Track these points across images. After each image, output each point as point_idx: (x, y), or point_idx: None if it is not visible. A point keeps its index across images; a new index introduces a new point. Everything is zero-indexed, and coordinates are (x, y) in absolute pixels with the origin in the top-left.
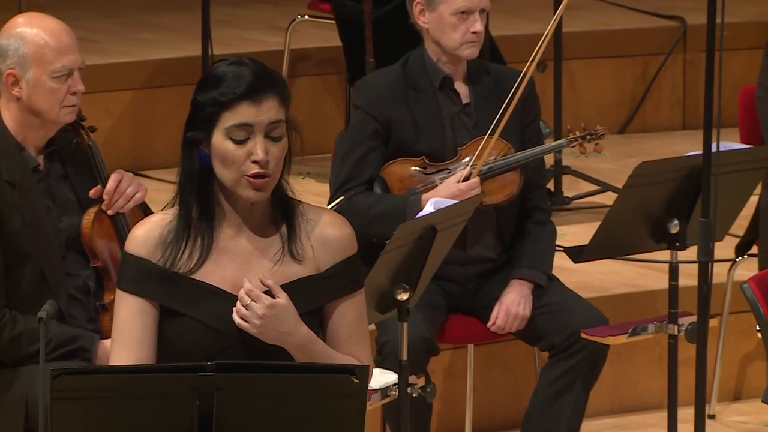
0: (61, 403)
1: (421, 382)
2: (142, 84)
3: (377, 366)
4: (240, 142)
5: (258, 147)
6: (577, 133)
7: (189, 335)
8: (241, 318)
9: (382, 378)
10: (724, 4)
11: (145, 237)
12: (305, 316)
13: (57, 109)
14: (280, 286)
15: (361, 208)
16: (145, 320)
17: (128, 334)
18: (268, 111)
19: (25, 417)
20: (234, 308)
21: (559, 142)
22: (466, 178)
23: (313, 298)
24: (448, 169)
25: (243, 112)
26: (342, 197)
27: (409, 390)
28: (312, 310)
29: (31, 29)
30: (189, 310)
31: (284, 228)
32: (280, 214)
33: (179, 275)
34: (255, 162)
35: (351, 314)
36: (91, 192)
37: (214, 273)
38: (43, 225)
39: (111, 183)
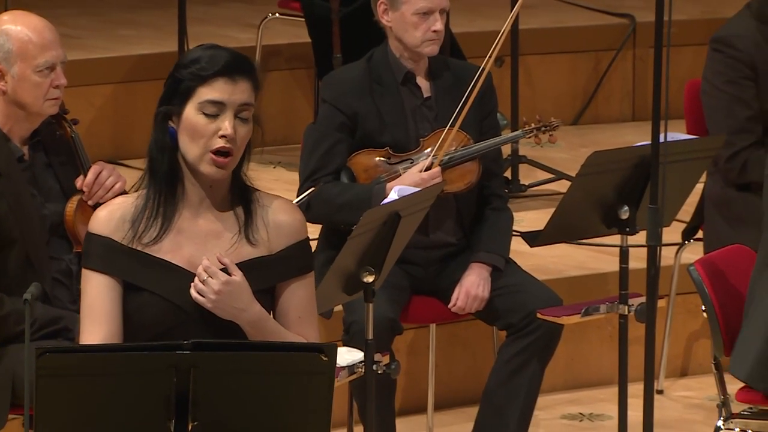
0: (46, 380)
1: (386, 359)
2: (122, 78)
3: (344, 345)
4: (211, 117)
5: (227, 122)
6: (533, 125)
7: (149, 310)
8: (198, 293)
9: (349, 356)
10: (671, 3)
11: (108, 217)
12: (258, 294)
13: (41, 101)
14: (237, 264)
15: (329, 197)
16: (112, 295)
17: (98, 309)
18: (242, 92)
19: (11, 393)
20: (192, 283)
21: (516, 133)
22: (428, 168)
23: (265, 277)
24: (411, 159)
25: (218, 88)
26: (312, 188)
27: (374, 367)
28: (264, 288)
29: (16, 26)
30: (149, 285)
31: (241, 212)
32: (237, 200)
33: (140, 252)
34: (222, 136)
35: (301, 295)
36: (77, 182)
37: (172, 251)
38: (28, 212)
39: (90, 175)
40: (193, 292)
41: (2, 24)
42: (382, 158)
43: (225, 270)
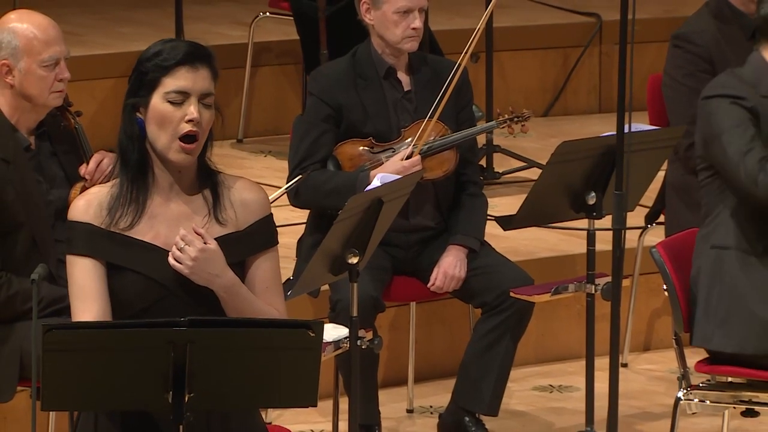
0: (52, 354)
1: (369, 335)
2: (122, 73)
3: (330, 321)
4: (177, 104)
5: (192, 107)
6: (506, 116)
7: (132, 287)
8: (176, 260)
9: (334, 332)
10: (635, 2)
11: (86, 205)
12: (231, 267)
13: (46, 94)
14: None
15: (316, 183)
16: (98, 275)
17: (88, 289)
18: (203, 79)
19: (20, 367)
20: (171, 252)
21: (490, 123)
22: (409, 156)
23: (235, 252)
24: (392, 148)
25: (182, 77)
26: (300, 176)
27: (358, 342)
28: (235, 263)
29: (22, 24)
30: (131, 264)
31: (208, 194)
32: (204, 183)
33: (119, 234)
34: (189, 121)
35: (268, 267)
36: (80, 169)
37: (148, 233)
38: (34, 197)
39: (92, 163)
40: (171, 260)
41: (9, 22)
42: (365, 148)
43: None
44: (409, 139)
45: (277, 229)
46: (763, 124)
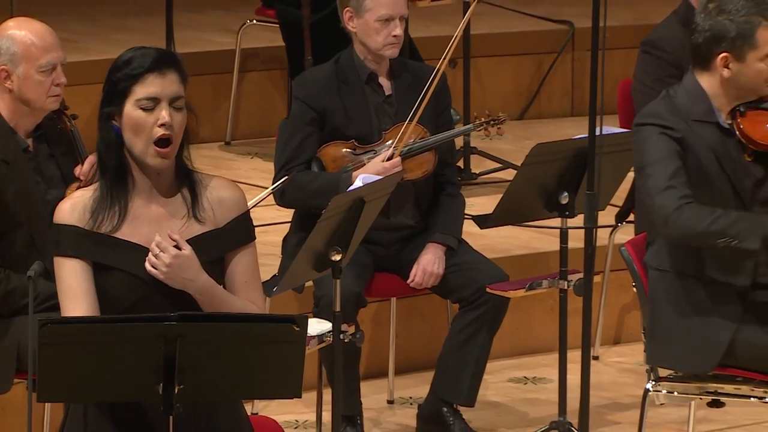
0: (47, 348)
1: (352, 329)
2: None
3: (314, 316)
4: (149, 110)
5: (164, 112)
6: (483, 119)
7: (119, 284)
8: (152, 266)
9: (318, 326)
10: (606, 11)
11: (72, 208)
12: (210, 264)
13: (43, 98)
14: (188, 240)
15: (301, 184)
16: (86, 275)
17: (76, 289)
18: (171, 84)
19: (17, 360)
20: (147, 258)
21: (468, 126)
22: (390, 158)
23: (215, 249)
24: (374, 150)
25: (151, 84)
26: (286, 177)
27: (341, 336)
28: (215, 259)
29: (20, 31)
30: (116, 264)
31: (187, 194)
32: (182, 183)
33: (104, 235)
34: (162, 125)
35: (246, 262)
36: (75, 170)
37: (132, 234)
38: (32, 197)
39: (86, 165)
40: (147, 266)
41: (8, 29)
42: (348, 149)
43: (176, 246)
44: (390, 141)
45: (264, 227)
46: (690, 153)
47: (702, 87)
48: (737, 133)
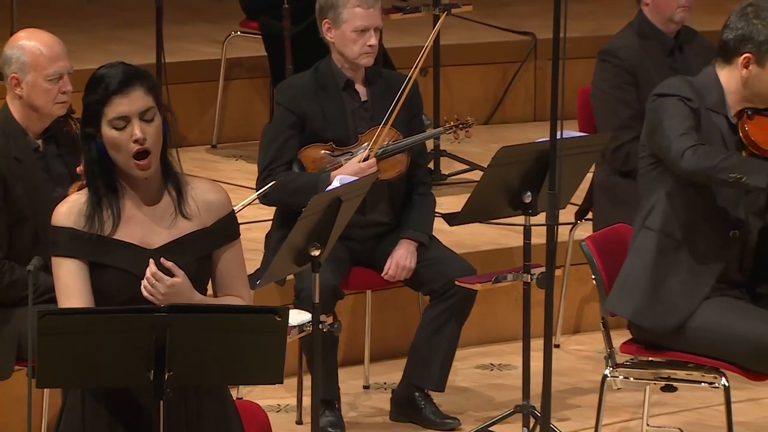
0: (46, 338)
1: (330, 320)
2: None
3: (295, 308)
4: (121, 129)
5: (135, 128)
6: (452, 123)
7: (112, 281)
8: (149, 293)
9: (299, 317)
10: (565, 23)
11: (68, 211)
12: (198, 261)
13: (50, 105)
14: (178, 239)
15: (283, 183)
16: (82, 274)
17: (72, 287)
18: (137, 100)
19: (17, 348)
20: (142, 285)
21: (438, 129)
22: (366, 159)
23: (203, 247)
24: (351, 152)
25: (117, 105)
26: (272, 181)
27: (320, 326)
28: (203, 256)
29: (30, 41)
30: (112, 262)
31: (174, 194)
32: (169, 184)
33: (100, 236)
34: (135, 141)
35: (233, 259)
36: (77, 169)
37: (126, 234)
38: (40, 194)
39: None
40: (144, 292)
41: (19, 40)
42: (326, 151)
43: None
44: (366, 144)
45: (247, 224)
46: (702, 130)
47: (719, 80)
48: (741, 132)
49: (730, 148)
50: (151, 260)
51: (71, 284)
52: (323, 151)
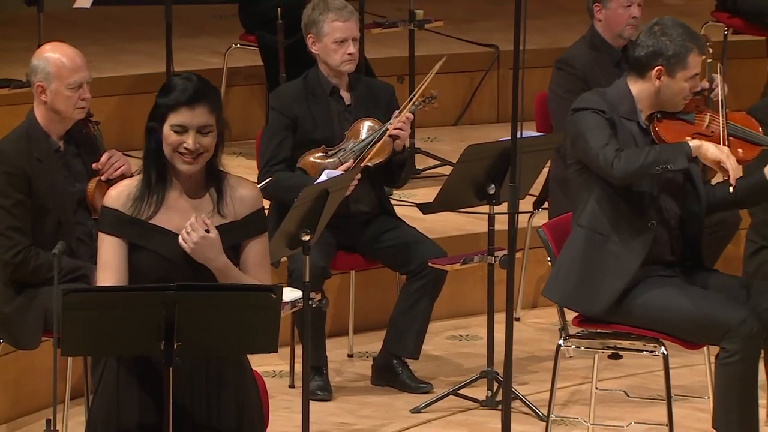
0: (69, 312)
1: (318, 297)
2: (125, 91)
3: (288, 286)
4: (179, 134)
5: (190, 140)
6: (420, 100)
7: (147, 262)
8: (183, 240)
9: (291, 294)
10: (524, 36)
11: (117, 195)
12: (229, 249)
13: (71, 110)
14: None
15: (279, 181)
16: (120, 252)
17: (110, 262)
18: (200, 116)
19: (44, 322)
20: (181, 234)
21: (411, 107)
22: (358, 159)
23: (233, 237)
24: (342, 148)
25: (182, 115)
26: (270, 177)
27: (310, 302)
28: (233, 245)
29: (54, 54)
30: (148, 245)
31: (214, 193)
32: (211, 183)
33: (141, 221)
34: (186, 149)
35: (258, 249)
36: (93, 165)
37: (165, 221)
38: (60, 189)
39: (104, 157)
40: (179, 239)
41: (44, 52)
42: (321, 154)
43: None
44: (352, 139)
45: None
46: (618, 137)
47: (630, 91)
48: (652, 133)
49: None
50: (195, 215)
51: (109, 259)
52: (318, 155)
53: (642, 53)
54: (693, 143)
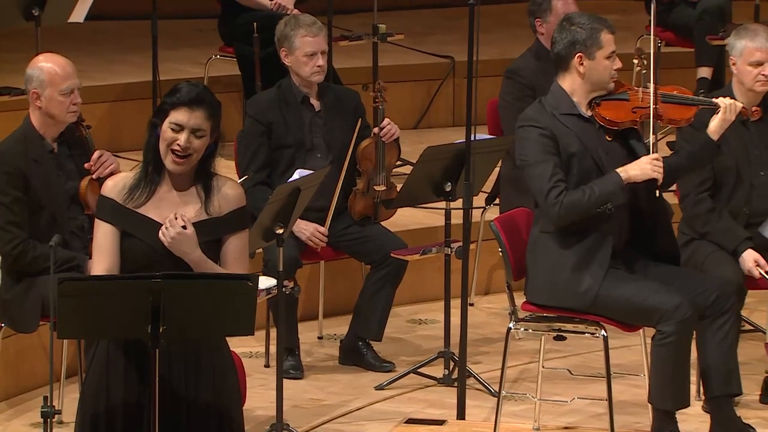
0: (64, 299)
1: (291, 284)
2: (114, 98)
3: (263, 275)
4: (175, 132)
5: (182, 138)
6: (374, 95)
7: (135, 249)
8: (161, 234)
9: (266, 282)
10: (477, 48)
11: (114, 185)
12: (209, 243)
13: (64, 114)
14: (195, 222)
15: (254, 195)
16: (113, 238)
17: (104, 247)
18: (196, 118)
19: (41, 307)
20: (161, 228)
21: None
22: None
23: (215, 231)
24: (371, 178)
25: (181, 114)
26: (246, 176)
27: (283, 289)
28: (215, 239)
29: (47, 63)
30: (137, 233)
31: (201, 191)
32: (198, 181)
33: (133, 211)
34: (178, 146)
35: (237, 244)
36: (85, 164)
37: (153, 212)
38: (54, 187)
39: (94, 156)
40: (159, 234)
41: (38, 62)
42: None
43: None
44: (371, 168)
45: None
46: (560, 141)
47: (563, 89)
48: (597, 120)
49: (588, 140)
50: (175, 212)
51: (103, 244)
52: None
53: (560, 47)
54: (622, 175)
